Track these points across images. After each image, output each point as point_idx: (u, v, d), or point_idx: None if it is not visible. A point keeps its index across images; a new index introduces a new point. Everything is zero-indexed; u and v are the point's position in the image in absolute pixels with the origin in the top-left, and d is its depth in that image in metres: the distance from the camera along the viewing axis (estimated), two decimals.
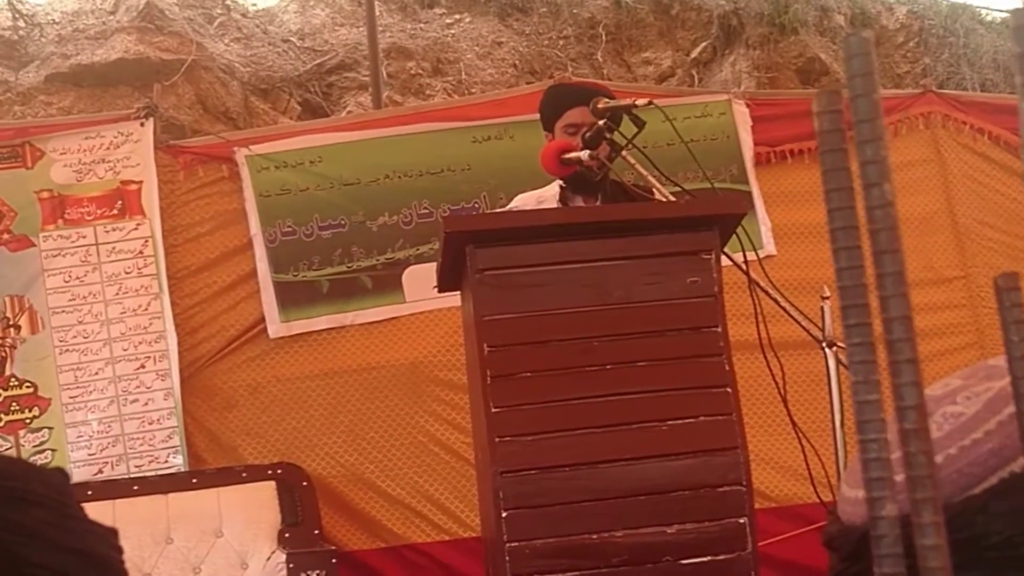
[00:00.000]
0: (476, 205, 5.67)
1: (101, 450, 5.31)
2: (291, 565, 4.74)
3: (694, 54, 7.48)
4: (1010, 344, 0.92)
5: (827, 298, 3.57)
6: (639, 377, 3.09)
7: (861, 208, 0.82)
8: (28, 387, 5.31)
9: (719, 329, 3.14)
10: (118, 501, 4.94)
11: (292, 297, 5.53)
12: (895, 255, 0.78)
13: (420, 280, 5.49)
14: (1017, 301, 0.93)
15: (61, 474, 1.61)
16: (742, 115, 6.02)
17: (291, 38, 6.94)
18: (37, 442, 5.28)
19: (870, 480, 0.81)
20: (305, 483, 5.24)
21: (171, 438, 5.32)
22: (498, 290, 3.11)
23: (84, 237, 5.43)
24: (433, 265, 3.61)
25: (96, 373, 5.35)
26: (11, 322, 5.33)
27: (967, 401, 1.25)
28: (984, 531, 1.16)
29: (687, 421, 3.08)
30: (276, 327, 5.50)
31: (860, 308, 0.80)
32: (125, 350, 5.37)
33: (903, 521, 0.81)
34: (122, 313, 5.39)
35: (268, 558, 4.87)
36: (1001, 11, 8.68)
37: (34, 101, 6.19)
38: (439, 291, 3.64)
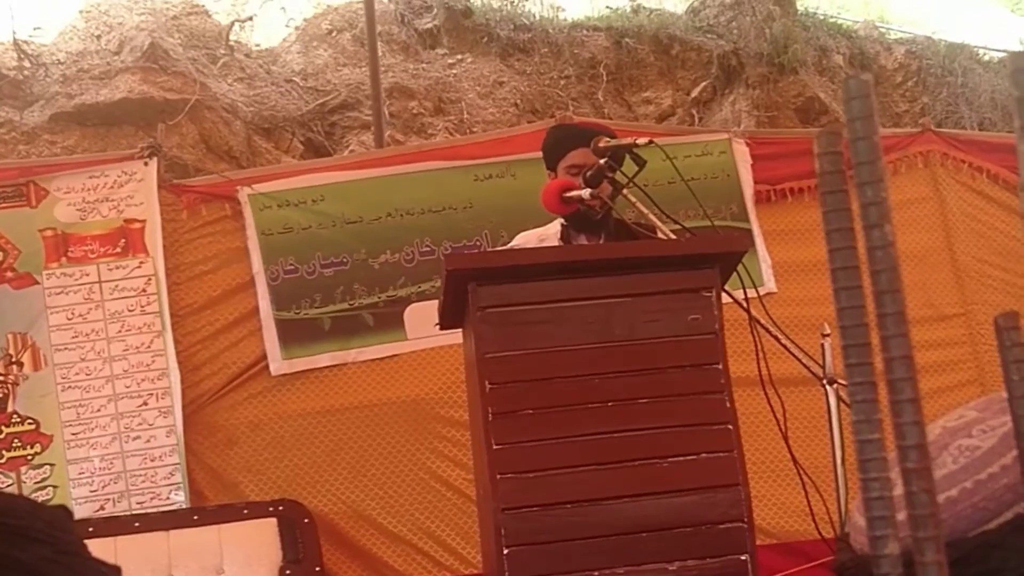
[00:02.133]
0: (478, 243, 5.69)
1: (103, 487, 5.30)
2: None
3: (694, 93, 7.53)
4: (1010, 383, 0.93)
5: (827, 335, 3.59)
6: (640, 414, 3.10)
7: (861, 247, 0.84)
8: (30, 424, 5.31)
9: (720, 366, 3.16)
10: (119, 538, 4.93)
11: (294, 334, 5.54)
12: (896, 295, 0.80)
13: (422, 317, 5.50)
14: (1017, 340, 0.94)
15: (64, 512, 1.61)
16: (742, 154, 6.05)
17: (294, 78, 6.99)
18: (39, 479, 5.28)
19: (872, 519, 0.82)
20: (307, 520, 5.23)
21: (173, 475, 5.32)
22: (500, 327, 3.12)
23: (87, 275, 5.44)
24: (435, 303, 3.62)
25: (98, 410, 5.35)
26: (14, 359, 5.34)
27: (983, 435, 1.25)
28: (1000, 567, 1.16)
29: (688, 458, 3.08)
30: (278, 364, 5.51)
31: (861, 347, 0.81)
32: (127, 387, 5.38)
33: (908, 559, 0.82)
34: (125, 350, 5.40)
35: None
36: (999, 51, 8.74)
37: (38, 140, 6.22)
38: (441, 328, 3.65)
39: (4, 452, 5.28)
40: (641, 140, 3.65)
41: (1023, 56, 0.79)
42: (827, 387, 3.54)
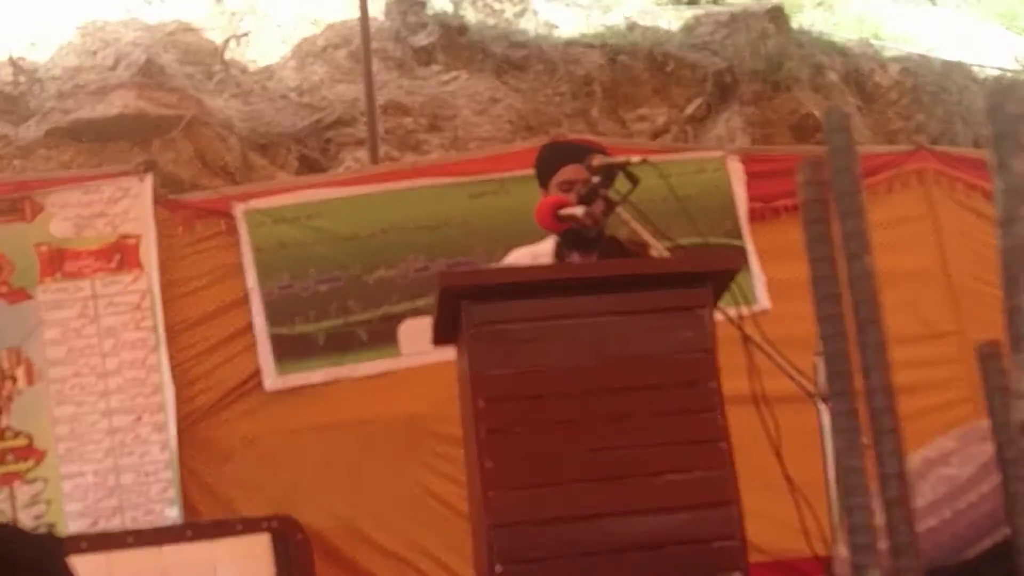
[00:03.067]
0: (472, 260, 5.69)
1: (96, 502, 5.29)
2: None
3: (689, 111, 7.54)
4: (993, 411, 0.94)
5: (820, 353, 3.58)
6: (633, 431, 3.10)
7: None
8: (24, 439, 5.31)
9: (713, 384, 3.16)
10: (112, 553, 4.92)
11: (288, 350, 5.54)
12: (876, 326, 0.80)
13: (416, 334, 5.50)
14: (1000, 368, 0.95)
15: (51, 538, 1.61)
16: (736, 171, 6.07)
17: (289, 94, 6.99)
18: (32, 494, 5.27)
19: (855, 545, 0.83)
20: (300, 536, 5.22)
21: (167, 490, 5.32)
22: (493, 345, 3.12)
23: (82, 290, 5.44)
24: (429, 319, 3.62)
25: (92, 425, 5.35)
26: (7, 374, 5.34)
27: (961, 464, 1.26)
28: None
29: (681, 475, 3.09)
30: (272, 380, 5.51)
31: (843, 374, 0.82)
32: (121, 402, 5.37)
33: None
34: (119, 366, 5.40)
35: None
36: (994, 69, 8.77)
37: (34, 155, 6.22)
38: (435, 345, 3.65)
39: None
40: (635, 158, 3.66)
41: (1000, 92, 0.80)
42: (820, 404, 3.54)
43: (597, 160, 3.73)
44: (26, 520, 5.16)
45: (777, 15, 7.88)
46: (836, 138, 0.82)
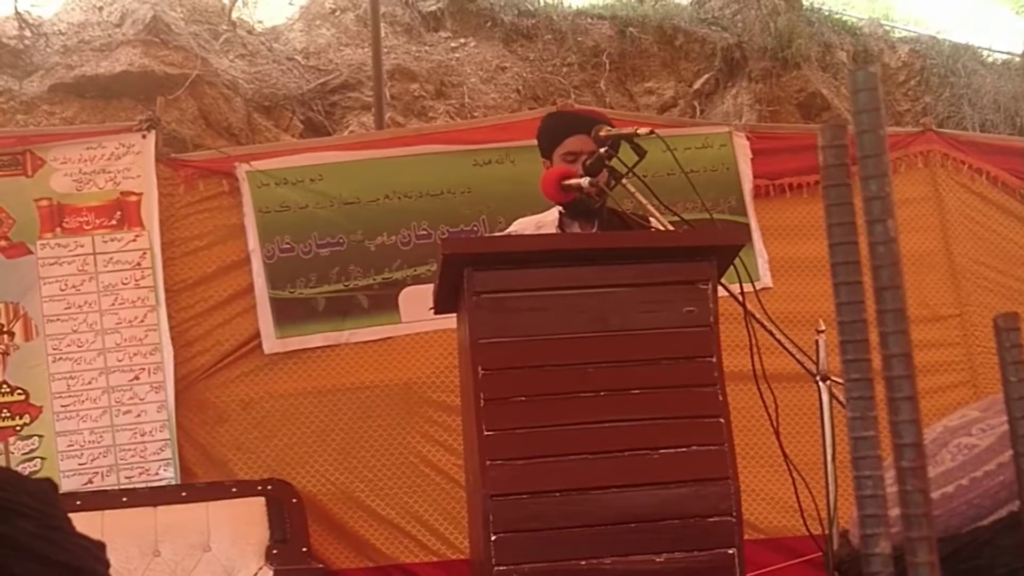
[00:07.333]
0: (475, 228, 5.67)
1: (92, 460, 5.29)
2: None
3: (696, 85, 7.51)
4: (1008, 384, 0.92)
5: (822, 332, 3.57)
6: (632, 405, 3.09)
7: (862, 243, 0.82)
8: (20, 394, 5.29)
9: (714, 359, 3.15)
10: (106, 512, 4.92)
11: (288, 313, 5.52)
12: (896, 291, 0.78)
13: (416, 301, 5.48)
14: (1016, 341, 0.93)
15: (49, 485, 1.59)
16: (742, 147, 6.03)
17: (296, 56, 6.96)
18: (27, 450, 5.26)
19: (864, 517, 0.81)
20: (295, 500, 5.23)
21: (163, 451, 5.31)
22: (494, 313, 3.11)
23: (82, 246, 5.42)
24: (430, 286, 3.61)
25: (89, 383, 5.33)
26: (5, 328, 5.32)
27: (982, 433, 1.25)
28: (990, 563, 1.16)
29: (679, 450, 3.08)
30: (271, 343, 5.49)
31: (859, 343, 0.80)
32: (119, 361, 5.35)
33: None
34: (118, 324, 5.38)
35: (255, 574, 4.85)
36: (1003, 52, 8.73)
37: (37, 110, 6.19)
38: (435, 313, 3.63)
39: None
40: (642, 130, 3.63)
41: None
42: (820, 383, 3.53)
43: (604, 131, 3.71)
44: None
45: None
46: (862, 98, 0.79)
